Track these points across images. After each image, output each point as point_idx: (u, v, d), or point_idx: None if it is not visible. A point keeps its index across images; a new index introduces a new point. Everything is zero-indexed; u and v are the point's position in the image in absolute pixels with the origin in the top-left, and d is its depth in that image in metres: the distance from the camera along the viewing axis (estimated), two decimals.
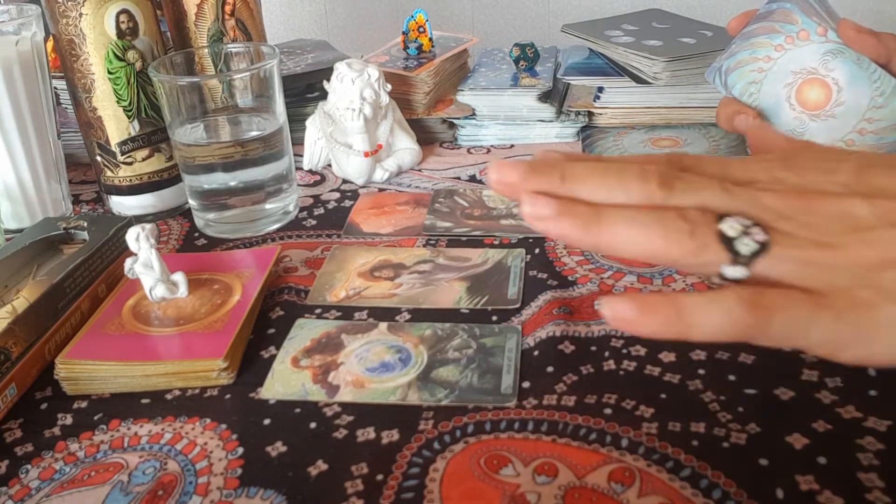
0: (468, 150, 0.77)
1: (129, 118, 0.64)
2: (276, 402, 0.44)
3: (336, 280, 0.56)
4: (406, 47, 0.85)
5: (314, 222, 0.65)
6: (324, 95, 0.71)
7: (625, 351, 0.46)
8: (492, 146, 0.78)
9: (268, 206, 0.64)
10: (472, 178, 0.71)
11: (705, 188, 0.32)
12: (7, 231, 0.63)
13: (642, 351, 0.46)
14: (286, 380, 0.46)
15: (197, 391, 0.46)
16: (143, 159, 0.65)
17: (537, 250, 0.58)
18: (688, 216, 0.31)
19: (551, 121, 0.77)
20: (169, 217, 0.68)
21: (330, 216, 0.66)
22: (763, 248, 0.31)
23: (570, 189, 0.31)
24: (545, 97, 0.77)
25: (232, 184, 0.62)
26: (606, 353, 0.46)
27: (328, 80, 0.70)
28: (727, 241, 0.31)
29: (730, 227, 0.31)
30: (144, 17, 0.62)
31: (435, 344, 0.48)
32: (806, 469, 0.37)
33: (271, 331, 0.51)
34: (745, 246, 0.31)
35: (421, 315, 0.51)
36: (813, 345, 0.31)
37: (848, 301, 0.30)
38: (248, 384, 0.46)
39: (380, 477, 0.38)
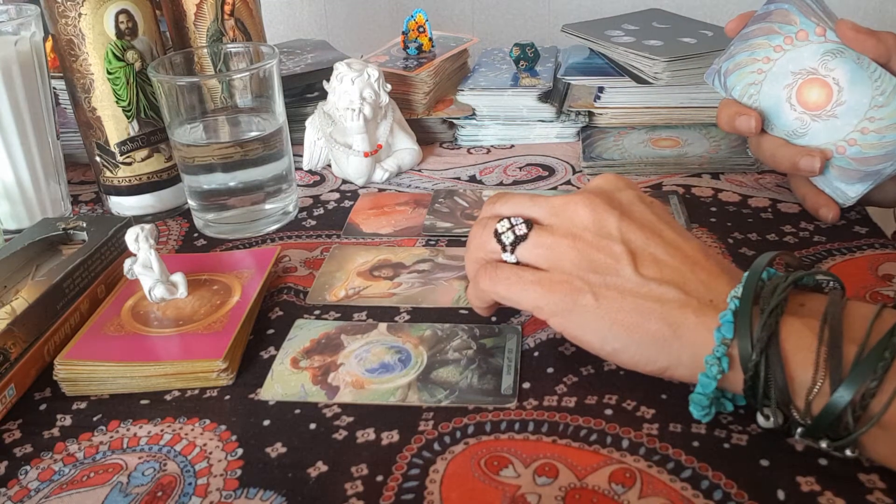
0: (468, 151, 0.77)
1: (128, 118, 0.64)
2: (276, 402, 0.44)
3: (336, 279, 0.56)
4: (406, 47, 0.84)
5: (314, 223, 0.65)
6: (323, 95, 0.71)
7: None
8: (492, 146, 0.78)
9: (267, 206, 0.63)
10: (472, 179, 0.71)
11: (518, 201, 0.44)
12: (6, 231, 0.63)
13: None
14: (286, 381, 0.46)
15: (196, 392, 0.45)
16: (143, 160, 0.65)
17: None
18: (483, 219, 0.44)
19: (551, 121, 0.77)
20: (168, 217, 0.68)
21: (329, 216, 0.66)
22: (520, 238, 0.42)
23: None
24: (545, 97, 0.77)
25: (231, 184, 0.62)
26: None
27: (328, 80, 0.70)
28: (497, 235, 0.43)
29: (500, 225, 0.43)
30: (144, 17, 0.62)
31: (435, 345, 0.48)
32: (807, 470, 0.37)
33: (271, 331, 0.51)
34: (507, 237, 0.42)
35: (420, 314, 0.51)
36: (528, 309, 0.42)
37: (561, 281, 0.40)
38: (247, 385, 0.46)
39: (380, 478, 0.38)
